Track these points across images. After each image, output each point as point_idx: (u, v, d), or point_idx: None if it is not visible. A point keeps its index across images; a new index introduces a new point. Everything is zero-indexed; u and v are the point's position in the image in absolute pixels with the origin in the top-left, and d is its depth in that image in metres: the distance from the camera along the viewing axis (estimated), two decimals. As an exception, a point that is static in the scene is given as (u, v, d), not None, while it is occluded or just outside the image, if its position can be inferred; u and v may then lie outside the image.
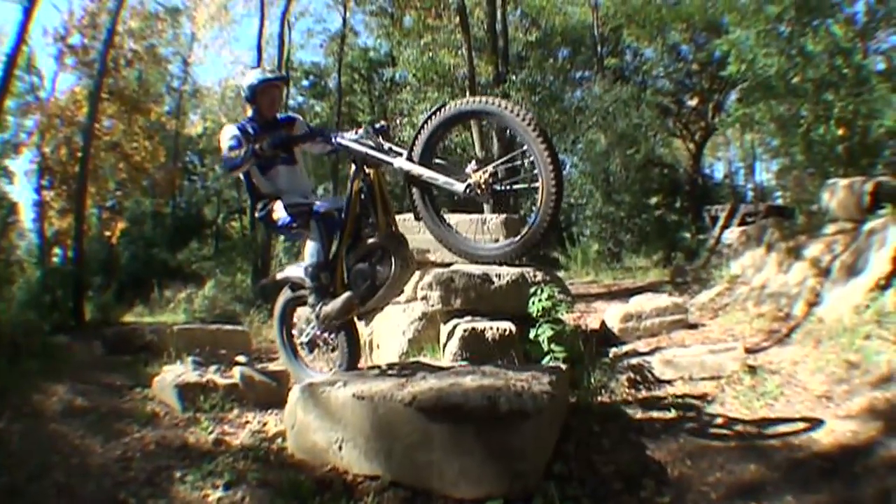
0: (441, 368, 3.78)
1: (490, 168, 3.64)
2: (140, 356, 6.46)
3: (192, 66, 28.27)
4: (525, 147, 3.49)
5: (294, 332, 4.80)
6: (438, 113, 3.80)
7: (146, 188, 23.91)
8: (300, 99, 28.80)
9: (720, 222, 11.46)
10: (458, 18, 14.60)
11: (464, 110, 3.81)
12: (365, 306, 4.09)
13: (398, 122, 19.33)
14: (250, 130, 4.25)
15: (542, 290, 4.61)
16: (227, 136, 4.21)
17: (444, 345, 4.77)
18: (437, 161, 3.91)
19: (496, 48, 15.80)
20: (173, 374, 4.82)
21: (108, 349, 7.38)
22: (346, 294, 3.96)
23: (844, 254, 5.82)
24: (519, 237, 3.92)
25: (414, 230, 4.68)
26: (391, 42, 23.03)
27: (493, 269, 4.62)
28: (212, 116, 30.59)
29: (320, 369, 4.72)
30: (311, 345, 4.59)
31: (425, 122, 3.83)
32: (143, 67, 22.83)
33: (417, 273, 4.94)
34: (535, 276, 4.73)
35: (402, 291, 4.60)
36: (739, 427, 3.73)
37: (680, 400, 4.20)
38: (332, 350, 4.59)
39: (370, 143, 3.91)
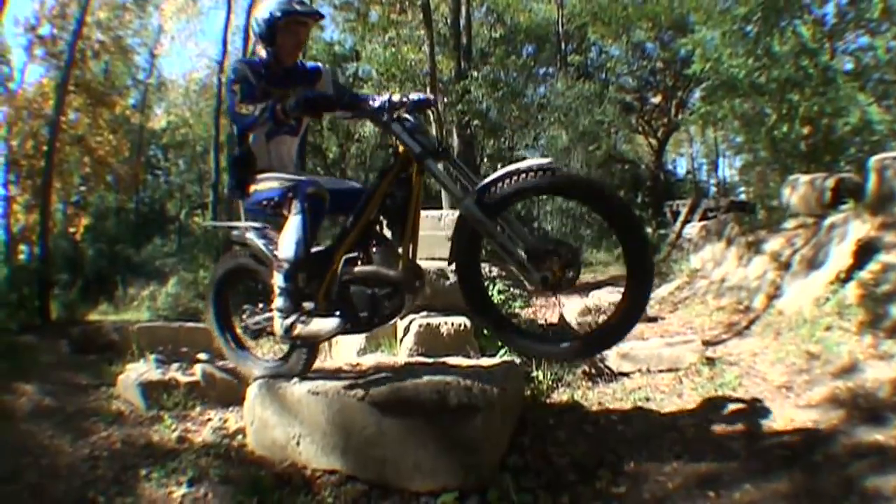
0: (397, 364, 3.79)
1: (566, 254, 2.86)
2: (105, 355, 6.44)
3: (158, 58, 28.05)
4: (619, 249, 3.03)
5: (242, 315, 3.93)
6: (542, 174, 2.87)
7: (110, 183, 23.63)
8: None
9: (681, 217, 11.63)
10: (422, 14, 14.64)
11: (573, 186, 2.99)
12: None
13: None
14: (263, 75, 3.37)
15: (493, 285, 4.64)
16: (238, 76, 3.34)
17: (401, 340, 4.80)
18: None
19: (459, 44, 15.86)
20: (136, 372, 4.81)
21: (74, 348, 7.37)
22: (337, 322, 3.20)
23: (805, 248, 5.89)
24: (581, 338, 3.29)
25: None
26: (356, 37, 23.01)
27: (448, 266, 4.55)
28: (175, 111, 30.34)
29: (263, 355, 4.34)
30: (258, 333, 3.81)
31: (520, 173, 2.91)
32: (109, 59, 22.59)
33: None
34: (490, 272, 4.74)
35: None
36: (697, 418, 3.72)
37: (637, 392, 4.22)
38: None
39: (427, 140, 3.05)
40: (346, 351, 5.13)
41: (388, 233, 3.24)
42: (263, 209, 3.48)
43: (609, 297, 6.42)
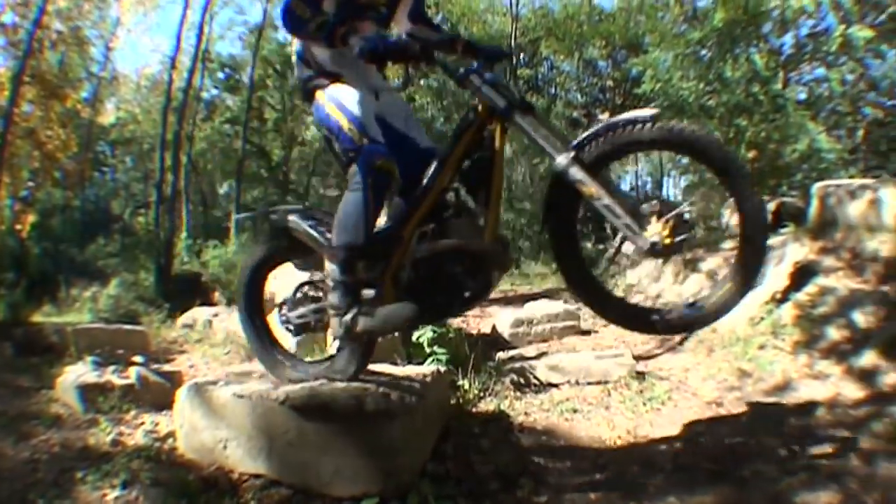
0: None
1: (674, 215, 2.53)
2: (46, 357, 6.40)
3: (113, 51, 27.73)
4: (736, 217, 2.74)
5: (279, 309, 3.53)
6: (643, 127, 2.56)
7: (58, 179, 23.26)
8: (214, 91, 28.66)
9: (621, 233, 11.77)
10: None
11: (682, 139, 2.59)
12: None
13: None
14: None
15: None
16: None
17: (331, 346, 4.72)
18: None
19: (407, 51, 16.03)
20: (74, 374, 4.80)
21: (17, 350, 7.24)
22: (410, 310, 2.83)
23: (742, 268, 6.02)
24: (678, 310, 2.85)
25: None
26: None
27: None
28: (125, 106, 30.01)
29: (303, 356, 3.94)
30: (302, 328, 3.42)
31: (619, 126, 2.60)
32: (65, 50, 22.26)
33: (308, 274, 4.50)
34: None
35: None
36: (623, 430, 3.82)
37: (564, 403, 4.30)
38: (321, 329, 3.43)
39: (510, 94, 2.68)
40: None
41: (467, 200, 2.81)
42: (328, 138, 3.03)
43: (545, 308, 6.54)
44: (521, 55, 22.53)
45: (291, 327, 3.42)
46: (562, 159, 2.55)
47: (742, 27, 11.00)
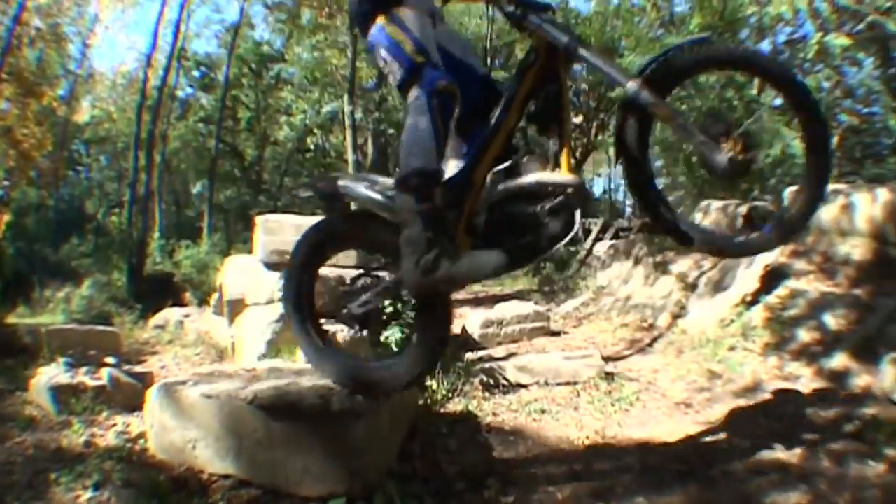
0: (292, 370, 3.78)
1: (742, 133, 2.47)
2: (20, 358, 6.36)
3: (91, 48, 27.58)
4: (805, 143, 2.69)
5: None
6: (700, 48, 2.59)
7: (33, 178, 23.02)
8: (189, 90, 28.53)
9: (593, 235, 11.83)
10: (349, 19, 14.77)
11: (743, 57, 2.80)
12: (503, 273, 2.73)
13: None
14: None
15: (386, 294, 4.66)
16: None
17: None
18: None
19: (383, 52, 16.16)
20: (47, 376, 4.78)
21: (-7, 353, 7.19)
22: (497, 255, 2.61)
23: (712, 271, 6.13)
24: (750, 237, 2.84)
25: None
26: (284, 37, 23.00)
27: (347, 273, 4.14)
28: (101, 104, 29.80)
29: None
30: (365, 317, 3.15)
31: (678, 50, 2.61)
32: (44, 47, 22.09)
33: (278, 274, 4.41)
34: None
35: None
36: (591, 430, 3.86)
37: (533, 404, 4.34)
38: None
39: (568, 30, 2.65)
40: (248, 358, 5.14)
41: (538, 139, 2.72)
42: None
43: (515, 309, 6.59)
44: (497, 58, 22.61)
45: (353, 320, 3.17)
46: (632, 84, 2.49)
47: (719, 33, 11.08)
